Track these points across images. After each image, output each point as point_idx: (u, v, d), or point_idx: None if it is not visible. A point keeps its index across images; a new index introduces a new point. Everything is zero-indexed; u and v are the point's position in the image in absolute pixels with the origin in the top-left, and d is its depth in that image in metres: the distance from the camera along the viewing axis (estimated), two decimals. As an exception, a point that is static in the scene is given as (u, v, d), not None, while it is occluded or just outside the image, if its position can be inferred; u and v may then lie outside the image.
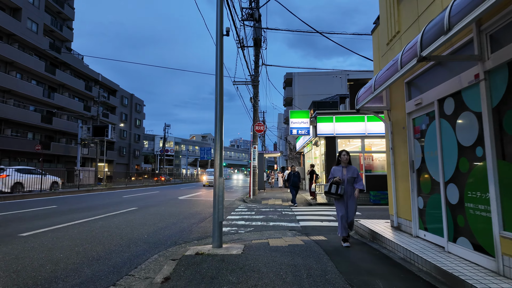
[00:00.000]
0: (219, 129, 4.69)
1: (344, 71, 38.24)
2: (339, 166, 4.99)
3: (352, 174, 4.83)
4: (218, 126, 4.69)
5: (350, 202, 4.81)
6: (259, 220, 7.83)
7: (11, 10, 27.15)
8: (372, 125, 12.28)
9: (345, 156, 4.95)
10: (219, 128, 4.70)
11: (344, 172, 4.87)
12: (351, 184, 4.81)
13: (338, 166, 5.00)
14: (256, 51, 15.83)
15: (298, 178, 11.71)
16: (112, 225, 6.88)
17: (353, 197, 4.79)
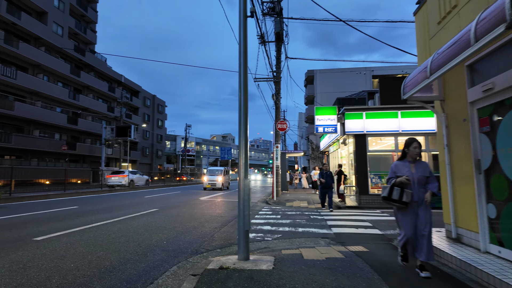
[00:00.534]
0: (243, 122, 4.09)
1: (368, 67, 36.76)
2: (404, 161, 3.64)
3: (423, 172, 3.49)
4: (243, 119, 4.09)
5: (422, 211, 3.44)
6: (286, 225, 7.18)
7: (37, 14, 27.99)
8: (406, 121, 11.29)
9: (417, 149, 3.57)
10: (244, 121, 4.10)
11: (412, 169, 3.50)
12: (422, 186, 3.47)
13: (403, 161, 3.65)
14: (278, 46, 15.17)
15: (331, 178, 10.43)
16: (130, 228, 6.47)
17: (425, 203, 3.45)
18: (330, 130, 11.72)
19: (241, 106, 4.13)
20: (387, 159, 11.60)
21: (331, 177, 10.41)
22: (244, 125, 4.11)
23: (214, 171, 22.20)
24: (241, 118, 4.11)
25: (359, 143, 11.46)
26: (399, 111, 11.34)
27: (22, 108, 24.84)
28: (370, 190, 11.33)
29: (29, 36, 26.67)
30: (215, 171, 22.19)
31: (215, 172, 21.99)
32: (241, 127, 4.09)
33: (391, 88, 12.52)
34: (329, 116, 11.71)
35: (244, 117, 4.12)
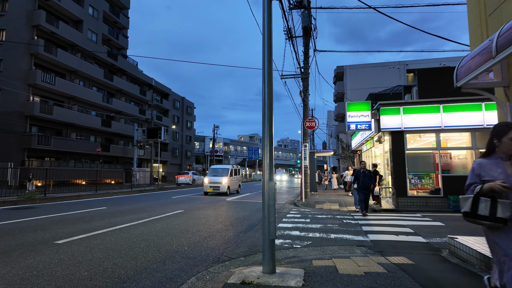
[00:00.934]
0: (267, 117, 3.61)
1: (402, 61, 34.77)
2: (493, 159, 2.46)
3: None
4: (267, 113, 3.61)
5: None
6: (317, 230, 6.60)
7: (74, 22, 29.42)
8: (449, 116, 10.22)
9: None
10: (268, 116, 3.62)
11: (509, 169, 2.37)
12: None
13: (492, 159, 2.47)
14: (305, 40, 14.53)
15: (371, 178, 8.98)
16: (152, 232, 6.24)
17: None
18: (364, 127, 10.91)
19: (265, 99, 3.66)
20: (427, 157, 10.59)
21: (370, 177, 9.05)
22: (268, 119, 3.63)
23: (218, 170, 17.65)
24: (265, 112, 3.64)
25: (396, 140, 10.56)
26: (441, 105, 10.30)
27: (61, 112, 26.18)
28: (408, 191, 10.40)
29: (66, 43, 28.09)
30: (220, 170, 17.62)
31: (219, 171, 17.43)
32: (265, 122, 3.62)
33: (431, 81, 11.46)
34: (362, 112, 10.91)
35: (269, 111, 3.65)
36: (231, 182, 17.30)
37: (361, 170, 9.09)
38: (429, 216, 8.66)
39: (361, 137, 14.39)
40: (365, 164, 9.41)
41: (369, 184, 8.95)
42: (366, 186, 8.88)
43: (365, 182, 8.88)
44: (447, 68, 12.12)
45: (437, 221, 7.77)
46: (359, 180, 8.97)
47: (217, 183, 16.34)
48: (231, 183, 17.15)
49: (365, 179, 8.89)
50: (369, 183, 8.94)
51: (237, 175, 18.90)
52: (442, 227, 6.89)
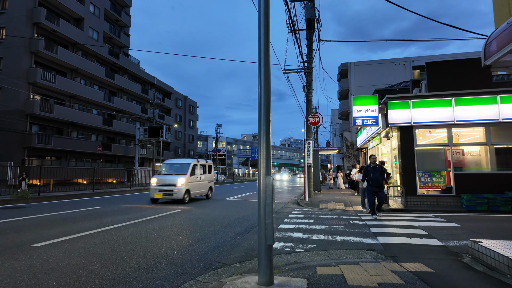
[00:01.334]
0: (264, 100, 3.09)
1: (408, 58, 34.00)
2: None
3: None
4: (264, 96, 3.09)
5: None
6: (321, 232, 6.07)
7: (75, 20, 29.13)
8: (462, 110, 9.62)
9: None
10: (265, 98, 3.10)
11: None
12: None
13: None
14: (309, 33, 13.97)
15: (383, 174, 7.80)
16: (143, 233, 5.76)
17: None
18: (371, 122, 10.34)
19: (261, 77, 3.14)
20: (438, 154, 10.01)
21: (383, 173, 7.82)
22: (265, 103, 3.11)
23: (174, 166, 12.13)
24: (261, 94, 3.12)
25: (405, 136, 9.98)
26: (453, 98, 9.71)
27: (61, 110, 25.91)
28: (418, 190, 9.83)
29: (67, 41, 27.80)
30: (176, 166, 12.10)
31: (176, 168, 11.97)
32: (262, 105, 3.10)
33: (441, 74, 10.86)
34: (369, 106, 10.34)
35: (266, 93, 3.13)
36: (194, 184, 11.86)
37: (371, 165, 7.96)
38: (441, 216, 8.08)
39: (367, 134, 13.81)
40: (375, 158, 8.19)
41: (382, 180, 7.75)
42: (378, 183, 7.72)
43: (377, 179, 7.71)
44: (458, 61, 11.51)
45: (451, 221, 7.20)
46: (369, 176, 7.82)
47: (170, 185, 10.94)
48: (193, 185, 11.75)
49: (376, 175, 7.73)
50: (381, 179, 7.74)
51: (205, 173, 13.14)
52: (458, 229, 6.33)
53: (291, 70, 13.88)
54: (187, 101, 50.34)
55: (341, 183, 19.60)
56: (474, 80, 10.27)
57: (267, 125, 3.09)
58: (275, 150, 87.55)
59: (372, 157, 8.25)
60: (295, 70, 13.87)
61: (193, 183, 11.90)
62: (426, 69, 11.55)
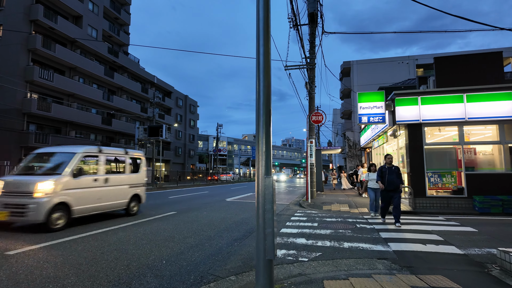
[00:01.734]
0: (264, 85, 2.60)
1: (412, 56, 33.42)
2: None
3: None
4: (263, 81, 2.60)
5: None
6: (327, 237, 5.57)
7: (73, 18, 28.72)
8: (474, 106, 9.10)
9: None
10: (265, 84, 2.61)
11: None
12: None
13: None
14: (311, 28, 13.47)
15: (400, 176, 6.98)
16: (131, 239, 5.28)
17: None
18: (377, 119, 9.82)
19: (260, 61, 2.65)
20: (448, 153, 9.49)
21: (399, 175, 6.98)
22: (265, 88, 2.62)
23: (44, 160, 7.03)
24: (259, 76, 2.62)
25: (413, 134, 9.46)
26: (464, 94, 9.19)
27: (59, 109, 25.50)
28: (427, 191, 9.31)
29: (65, 39, 27.38)
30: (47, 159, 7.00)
31: (46, 162, 6.95)
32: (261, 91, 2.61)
33: (451, 69, 10.33)
34: (375, 103, 9.83)
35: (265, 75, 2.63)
36: (87, 192, 6.78)
37: (386, 166, 7.12)
38: (454, 220, 7.57)
39: (372, 132, 13.29)
40: (392, 158, 7.28)
41: (398, 183, 6.90)
42: (394, 185, 6.92)
43: (393, 181, 6.90)
44: (469, 55, 10.99)
45: (466, 225, 6.69)
46: (384, 178, 7.00)
47: (22, 194, 5.88)
48: (84, 194, 6.69)
49: (393, 177, 6.91)
50: (397, 182, 6.90)
51: (124, 172, 8.22)
52: (475, 234, 5.81)
53: (293, 66, 13.38)
54: (188, 100, 49.90)
55: (345, 183, 19.01)
56: (485, 76, 9.75)
57: (267, 115, 2.60)
58: (276, 150, 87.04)
59: (388, 157, 7.29)
60: (297, 66, 13.37)
61: (84, 190, 6.69)
62: (434, 64, 11.02)
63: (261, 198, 2.49)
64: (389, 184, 6.93)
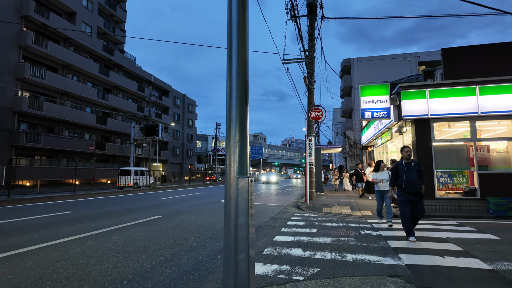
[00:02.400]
0: (238, 36, 1.84)
1: (414, 53, 32.65)
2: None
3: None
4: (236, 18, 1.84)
5: None
6: (327, 247, 4.80)
7: (67, 14, 28.00)
8: (488, 100, 8.34)
9: None
10: (239, 23, 1.85)
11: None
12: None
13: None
14: (310, 20, 12.71)
15: (421, 173, 5.30)
16: (98, 250, 4.52)
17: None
18: (381, 114, 9.06)
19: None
20: (459, 151, 8.73)
21: (421, 172, 5.31)
22: (240, 47, 1.86)
23: None
24: (231, 31, 1.86)
25: (420, 130, 8.70)
26: (477, 87, 8.42)
27: (52, 108, 24.77)
28: (436, 192, 8.55)
29: (58, 36, 26.65)
30: None
31: None
32: (233, 50, 1.84)
33: (460, 61, 9.57)
34: (379, 96, 9.06)
35: (240, 29, 1.87)
36: None
37: (403, 162, 5.42)
38: (468, 224, 6.81)
39: (375, 129, 12.52)
40: (410, 151, 5.52)
41: (420, 184, 5.23)
42: (414, 188, 5.18)
43: (413, 181, 5.18)
44: (480, 46, 10.21)
45: (484, 232, 5.92)
46: (402, 178, 5.30)
47: None
48: None
49: (413, 176, 5.21)
50: (419, 182, 5.23)
51: None
52: (499, 243, 5.05)
53: (291, 60, 12.61)
54: (186, 99, 49.14)
55: (347, 184, 18.15)
56: (498, 67, 8.99)
57: (242, 87, 1.83)
58: (276, 150, 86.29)
59: (405, 150, 5.49)
60: (295, 60, 12.61)
61: None
62: (442, 56, 10.24)
63: (232, 208, 1.74)
64: (409, 186, 5.20)
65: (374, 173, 7.10)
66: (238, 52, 1.82)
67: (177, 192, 17.65)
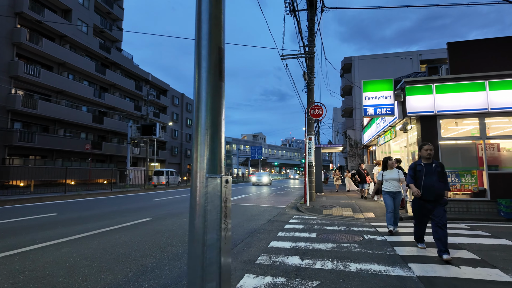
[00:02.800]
0: None
1: (415, 52, 32.19)
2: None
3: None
4: None
5: None
6: (328, 255, 4.33)
7: (62, 11, 27.53)
8: (499, 95, 7.86)
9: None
10: None
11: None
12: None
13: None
14: (310, 14, 12.24)
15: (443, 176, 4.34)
16: (72, 258, 4.05)
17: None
18: (385, 111, 8.58)
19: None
20: (467, 150, 8.25)
21: (443, 176, 4.33)
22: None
23: None
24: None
25: (426, 128, 8.23)
26: (486, 81, 7.95)
27: (47, 107, 24.29)
28: (443, 194, 8.04)
29: (53, 34, 26.17)
30: None
31: None
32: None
33: (468, 56, 9.10)
34: (382, 92, 8.58)
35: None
36: None
37: (422, 162, 4.49)
38: (479, 228, 6.33)
39: (377, 128, 12.04)
40: (432, 149, 4.47)
41: (442, 190, 4.23)
42: (435, 193, 4.21)
43: (432, 186, 4.23)
44: (488, 40, 9.74)
45: (498, 237, 5.45)
46: (419, 182, 4.37)
47: None
48: None
49: (432, 180, 4.25)
50: (440, 187, 4.23)
51: None
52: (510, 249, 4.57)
53: (289, 56, 12.15)
54: (185, 99, 48.65)
55: (349, 185, 17.59)
56: (507, 61, 8.53)
57: (216, 50, 1.36)
58: (276, 150, 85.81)
59: (425, 147, 4.51)
60: (294, 55, 12.14)
61: None
62: (448, 50, 9.76)
63: (198, 221, 1.29)
64: (427, 192, 4.26)
65: (380, 172, 6.08)
66: (210, 6, 1.35)
67: (171, 193, 17.18)
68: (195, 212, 1.31)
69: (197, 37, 1.36)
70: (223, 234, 1.28)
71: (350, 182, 17.44)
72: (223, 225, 1.27)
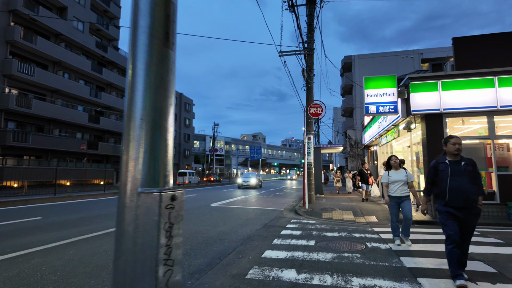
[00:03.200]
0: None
1: (416, 50, 31.74)
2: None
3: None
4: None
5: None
6: (327, 267, 3.88)
7: (57, 9, 27.07)
8: (508, 91, 7.42)
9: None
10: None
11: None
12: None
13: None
14: (309, 9, 11.81)
15: (476, 176, 3.42)
16: (40, 270, 3.60)
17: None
18: (388, 109, 8.13)
19: None
20: (475, 150, 7.81)
21: (476, 176, 3.43)
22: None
23: None
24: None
25: (431, 127, 7.79)
26: (495, 77, 7.51)
27: (41, 106, 23.82)
28: (449, 196, 7.60)
29: (49, 32, 25.71)
30: None
31: None
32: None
33: (474, 52, 8.66)
34: (385, 89, 8.14)
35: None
36: None
37: (447, 160, 3.54)
38: (490, 234, 5.89)
39: (379, 127, 11.60)
40: (460, 143, 3.52)
41: (475, 194, 3.35)
42: (465, 199, 3.32)
43: (462, 189, 3.34)
44: (495, 35, 9.30)
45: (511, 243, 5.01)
46: (445, 184, 3.43)
47: None
48: None
49: (462, 181, 3.36)
50: (473, 191, 3.35)
51: None
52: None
53: (288, 52, 11.72)
54: (183, 98, 48.22)
55: (350, 186, 17.13)
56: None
57: (161, 3, 0.91)
58: (276, 150, 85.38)
59: (452, 141, 3.54)
60: (293, 51, 11.71)
61: None
62: (453, 46, 9.32)
63: (124, 260, 0.81)
64: (456, 197, 3.35)
65: (385, 173, 5.23)
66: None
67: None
68: (120, 245, 0.85)
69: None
70: (165, 282, 0.82)
71: (350, 182, 16.99)
72: (162, 269, 0.81)
